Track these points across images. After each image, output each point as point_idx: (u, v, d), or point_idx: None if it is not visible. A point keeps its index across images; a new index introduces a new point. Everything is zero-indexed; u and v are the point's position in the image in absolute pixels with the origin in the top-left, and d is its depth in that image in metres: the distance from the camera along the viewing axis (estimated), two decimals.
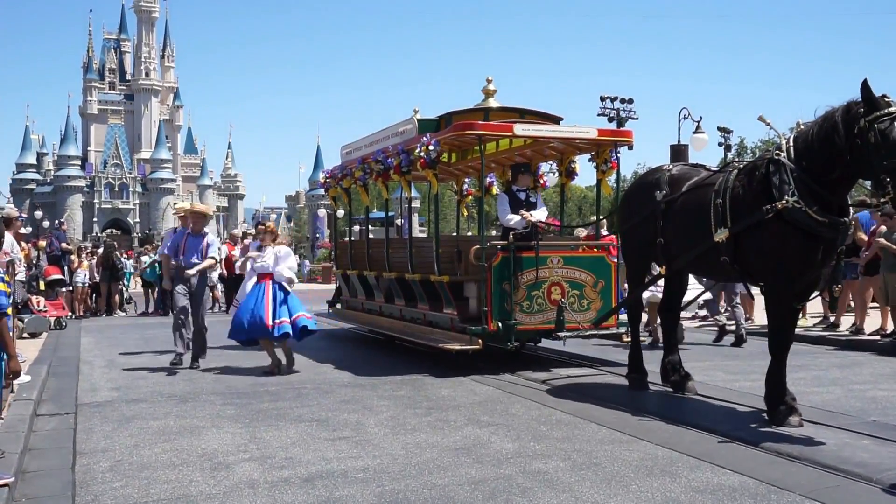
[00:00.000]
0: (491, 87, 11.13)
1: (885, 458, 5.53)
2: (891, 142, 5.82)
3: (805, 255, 6.45)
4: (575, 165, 11.66)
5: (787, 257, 6.51)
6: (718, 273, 7.73)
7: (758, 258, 6.76)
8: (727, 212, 6.83)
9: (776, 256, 6.59)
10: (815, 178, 6.30)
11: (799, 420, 6.51)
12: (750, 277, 7.19)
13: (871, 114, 5.93)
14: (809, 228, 6.31)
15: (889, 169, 5.81)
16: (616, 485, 5.09)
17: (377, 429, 6.72)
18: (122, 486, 5.21)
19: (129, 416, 7.34)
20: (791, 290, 6.73)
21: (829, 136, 6.23)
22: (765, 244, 6.62)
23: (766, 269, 6.81)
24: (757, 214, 6.54)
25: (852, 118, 6.06)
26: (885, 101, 5.97)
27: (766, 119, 7.75)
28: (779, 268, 6.64)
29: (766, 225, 6.50)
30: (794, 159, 6.45)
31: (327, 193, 14.72)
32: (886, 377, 9.13)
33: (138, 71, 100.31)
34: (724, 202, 6.86)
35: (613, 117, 29.92)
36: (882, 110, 5.91)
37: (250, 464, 5.69)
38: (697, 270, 7.95)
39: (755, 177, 6.73)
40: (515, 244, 9.58)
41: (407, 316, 11.46)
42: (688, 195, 7.43)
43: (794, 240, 6.40)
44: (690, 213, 7.28)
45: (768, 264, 6.72)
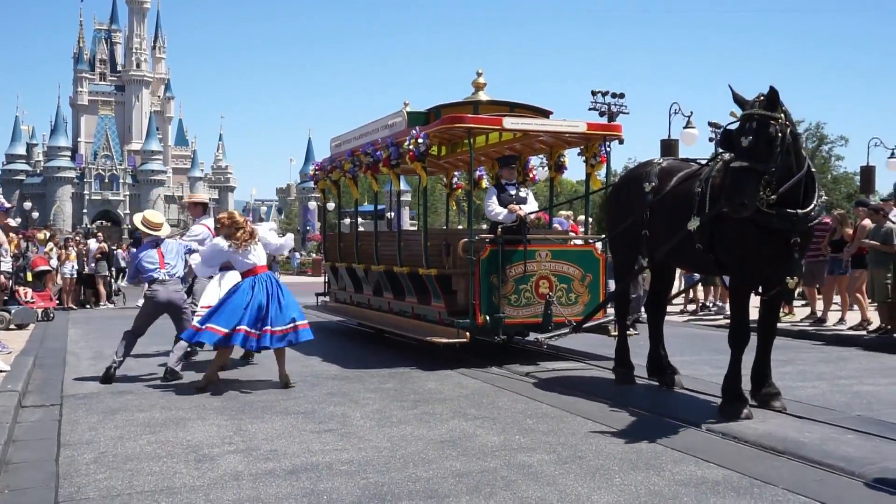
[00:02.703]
0: (481, 80, 11.12)
1: (869, 453, 5.56)
2: (733, 146, 6.22)
3: (761, 247, 6.54)
4: (564, 159, 11.67)
5: (745, 249, 6.63)
6: (697, 264, 7.78)
7: (722, 249, 6.87)
8: (705, 201, 6.89)
9: (735, 247, 6.72)
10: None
11: (748, 412, 6.57)
12: (724, 268, 7.25)
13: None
14: (760, 222, 6.38)
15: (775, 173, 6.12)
16: (600, 478, 5.10)
17: (363, 421, 6.72)
18: (105, 477, 5.20)
19: (115, 408, 7.32)
20: (751, 282, 6.81)
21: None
22: (726, 235, 6.76)
23: (728, 260, 6.90)
24: (718, 206, 6.67)
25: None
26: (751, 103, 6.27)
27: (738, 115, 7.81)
28: (738, 259, 6.75)
29: (726, 216, 6.60)
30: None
31: (317, 186, 14.68)
32: (871, 372, 9.18)
33: (129, 62, 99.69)
34: (704, 192, 6.94)
35: (604, 112, 29.94)
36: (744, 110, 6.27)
37: (235, 456, 5.68)
38: (679, 262, 7.99)
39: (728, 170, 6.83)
40: (504, 238, 9.58)
41: (395, 309, 11.45)
42: (676, 188, 7.47)
43: (750, 231, 6.49)
44: (676, 205, 7.33)
45: (730, 255, 6.83)
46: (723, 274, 7.76)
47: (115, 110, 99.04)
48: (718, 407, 6.80)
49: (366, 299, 12.54)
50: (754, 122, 6.12)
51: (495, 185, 10.37)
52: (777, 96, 6.20)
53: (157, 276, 8.87)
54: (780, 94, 6.24)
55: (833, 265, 13.01)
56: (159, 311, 9.04)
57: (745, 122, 6.17)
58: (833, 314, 13.34)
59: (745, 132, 6.12)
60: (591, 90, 30.33)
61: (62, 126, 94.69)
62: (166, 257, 8.99)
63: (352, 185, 12.95)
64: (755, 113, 6.14)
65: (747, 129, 6.12)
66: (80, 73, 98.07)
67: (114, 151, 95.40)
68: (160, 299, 8.88)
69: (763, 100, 6.21)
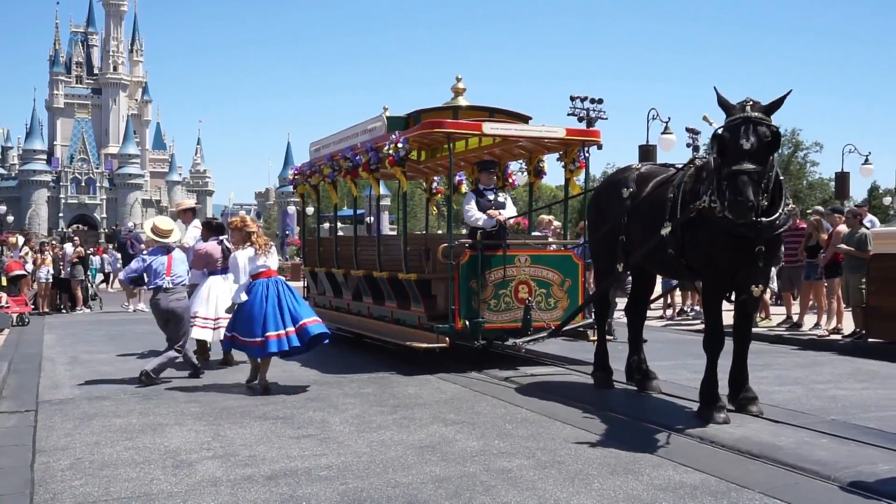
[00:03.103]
0: (460, 85, 11.14)
1: (844, 457, 5.62)
2: (728, 150, 6.13)
3: (727, 254, 6.58)
4: (543, 165, 11.72)
5: (712, 256, 6.69)
6: (670, 270, 7.82)
7: (692, 255, 6.93)
8: (677, 207, 6.95)
9: (704, 254, 6.77)
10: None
11: (724, 417, 6.61)
12: (696, 273, 7.31)
13: (727, 119, 6.24)
14: (725, 228, 6.42)
15: (724, 175, 6.12)
16: (579, 483, 5.12)
17: (342, 427, 6.71)
18: (81, 484, 5.15)
19: (91, 414, 7.25)
20: (722, 287, 6.85)
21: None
22: (695, 242, 6.80)
23: (699, 267, 6.96)
24: (686, 213, 6.75)
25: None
26: (741, 106, 6.22)
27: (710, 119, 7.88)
28: (708, 265, 6.81)
29: (695, 223, 6.69)
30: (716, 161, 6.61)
31: (296, 190, 14.64)
32: (846, 376, 9.27)
33: (106, 65, 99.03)
34: (676, 196, 6.99)
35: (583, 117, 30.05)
36: (730, 116, 6.21)
37: (213, 462, 5.65)
38: (654, 267, 8.02)
39: (699, 176, 6.91)
40: (483, 243, 9.60)
41: (375, 314, 11.44)
42: (651, 193, 7.53)
43: (716, 238, 6.54)
44: (651, 211, 7.39)
45: (699, 262, 6.89)
46: (695, 279, 7.81)
47: (92, 113, 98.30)
48: (696, 411, 6.85)
49: (345, 304, 12.52)
50: (753, 125, 6.09)
51: (474, 190, 10.39)
52: (781, 102, 6.21)
53: (161, 283, 8.90)
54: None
55: (809, 270, 13.13)
56: (161, 318, 9.07)
57: (744, 125, 6.10)
58: (809, 319, 13.45)
59: (745, 135, 6.06)
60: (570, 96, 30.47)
61: (38, 129, 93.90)
62: (174, 266, 9.03)
63: (331, 190, 12.93)
64: (754, 116, 6.11)
65: (747, 132, 6.07)
66: (56, 75, 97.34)
67: (90, 155, 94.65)
68: (161, 307, 8.93)
69: (755, 103, 6.20)
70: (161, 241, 9.14)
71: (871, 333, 11.45)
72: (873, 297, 11.39)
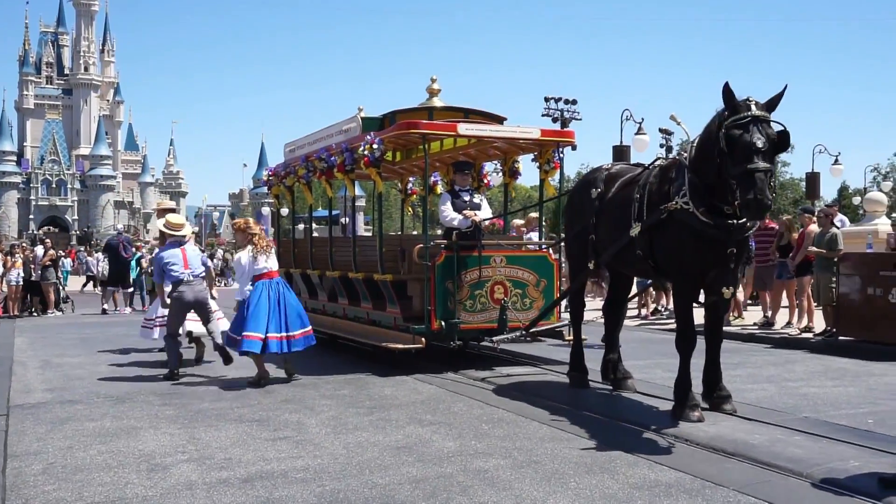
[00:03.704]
0: (435, 86, 11.15)
1: (816, 454, 5.68)
2: (738, 148, 6.00)
3: (699, 256, 6.61)
4: (518, 165, 11.75)
5: (683, 257, 6.72)
6: (638, 269, 7.87)
7: (662, 256, 6.96)
8: (643, 207, 6.98)
9: (674, 255, 6.81)
10: (704, 180, 6.47)
11: (699, 415, 6.67)
12: (664, 274, 7.35)
13: (728, 119, 6.11)
14: (696, 230, 6.46)
15: (735, 175, 6.00)
16: (556, 482, 5.14)
17: (318, 428, 6.69)
18: (54, 489, 5.10)
19: (64, 418, 7.18)
20: (692, 288, 6.90)
21: (705, 141, 6.46)
22: (665, 243, 6.84)
23: (668, 268, 7.00)
24: (656, 214, 6.76)
25: (720, 123, 6.22)
26: (746, 104, 6.14)
27: (678, 118, 7.91)
28: (678, 267, 6.85)
29: (665, 224, 6.71)
30: (690, 162, 6.63)
31: (270, 191, 14.58)
32: (818, 374, 9.38)
33: (77, 65, 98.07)
34: (643, 197, 7.02)
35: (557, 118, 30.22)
36: (738, 114, 6.09)
37: (188, 465, 5.61)
38: (621, 266, 8.06)
39: (665, 177, 6.93)
40: (459, 243, 9.61)
41: (350, 315, 11.42)
42: (618, 191, 7.58)
43: (687, 240, 6.58)
44: (618, 210, 7.44)
45: (669, 263, 6.92)
46: (663, 279, 7.87)
47: (63, 114, 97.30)
48: (670, 410, 6.90)
49: (321, 305, 12.48)
50: (762, 124, 6.04)
51: (449, 190, 10.40)
52: (780, 98, 6.17)
53: (182, 277, 9.18)
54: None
55: (781, 270, 13.28)
56: (187, 309, 9.36)
57: (754, 124, 6.02)
58: (782, 317, 13.60)
59: (758, 133, 5.99)
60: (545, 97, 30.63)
61: (7, 130, 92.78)
62: (190, 259, 9.31)
63: (306, 191, 12.89)
64: (761, 115, 6.07)
65: (760, 130, 6.00)
66: (26, 76, 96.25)
67: (61, 156, 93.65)
68: (187, 299, 9.20)
69: (754, 101, 6.16)
70: (174, 234, 9.46)
71: (841, 332, 11.59)
72: (843, 296, 11.54)
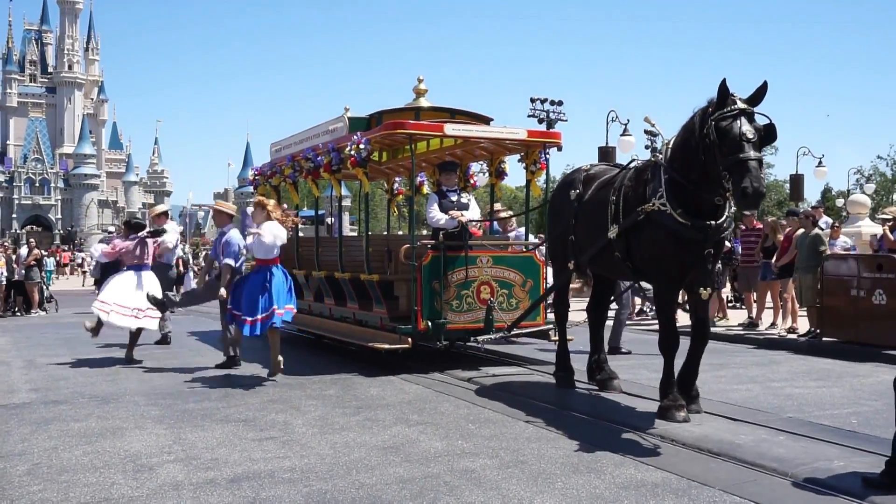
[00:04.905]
0: (422, 86, 11.15)
1: (800, 454, 5.73)
2: (729, 139, 6.00)
3: (677, 257, 6.63)
4: (505, 166, 11.77)
5: (662, 258, 6.73)
6: (616, 271, 7.90)
7: (640, 258, 6.99)
8: (619, 210, 7.01)
9: (653, 257, 6.83)
10: (686, 178, 6.49)
11: (684, 416, 6.70)
12: (643, 276, 7.38)
13: (716, 113, 6.12)
14: (674, 230, 6.49)
15: (727, 165, 5.99)
16: (542, 482, 5.15)
17: (305, 428, 6.68)
18: (40, 489, 5.07)
19: (49, 418, 7.13)
20: (673, 289, 6.93)
21: (688, 137, 6.46)
22: (643, 245, 6.87)
23: (647, 270, 7.04)
24: (633, 216, 6.79)
25: (705, 118, 6.23)
26: (732, 100, 6.15)
27: (651, 120, 7.95)
28: (657, 268, 6.87)
29: (642, 226, 6.74)
30: (668, 162, 6.67)
31: (256, 191, 14.54)
32: (802, 375, 9.45)
33: (61, 63, 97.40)
34: (619, 200, 7.06)
35: (543, 119, 30.23)
36: (724, 108, 6.10)
37: (175, 465, 5.59)
38: (600, 268, 8.10)
39: (641, 178, 6.96)
40: (445, 244, 9.62)
41: (336, 315, 11.40)
42: (595, 193, 7.63)
43: (665, 241, 6.60)
44: (594, 211, 7.47)
45: (648, 265, 6.95)
46: (641, 280, 7.91)
47: (46, 113, 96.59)
48: (656, 410, 6.93)
49: (307, 305, 12.45)
50: (749, 116, 6.07)
51: (436, 191, 10.41)
52: (762, 94, 6.19)
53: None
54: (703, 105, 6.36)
55: (766, 271, 13.36)
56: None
57: (744, 115, 6.05)
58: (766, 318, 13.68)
59: (749, 124, 6.02)
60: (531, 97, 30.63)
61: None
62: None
63: (292, 191, 12.87)
64: (749, 109, 6.10)
65: (749, 122, 6.04)
66: (9, 74, 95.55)
67: (45, 155, 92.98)
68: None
69: (738, 97, 6.17)
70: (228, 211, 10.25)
71: (825, 333, 11.68)
72: (826, 298, 11.63)
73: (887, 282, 10.52)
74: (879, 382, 8.55)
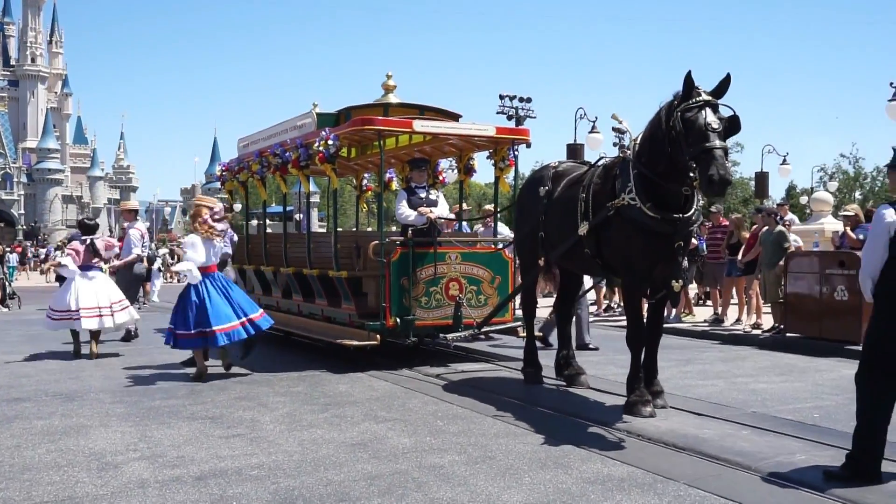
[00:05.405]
0: (391, 82, 11.13)
1: (764, 448, 5.81)
2: (695, 129, 6.10)
3: (647, 251, 6.70)
4: (473, 162, 11.79)
5: (631, 253, 6.81)
6: (586, 267, 7.97)
7: (610, 253, 7.08)
8: (589, 207, 7.07)
9: (622, 252, 6.91)
10: (651, 173, 6.57)
11: (650, 411, 6.79)
12: (613, 271, 7.45)
13: (681, 105, 6.22)
14: (644, 224, 6.56)
15: (693, 155, 6.08)
16: (510, 477, 5.18)
17: (272, 426, 6.65)
18: (1, 488, 5.00)
19: (11, 416, 7.04)
20: (640, 285, 7.00)
21: (654, 130, 6.55)
22: (612, 240, 6.95)
23: (617, 265, 7.11)
24: (603, 212, 6.86)
25: (671, 111, 6.32)
26: (697, 92, 6.25)
27: (619, 117, 8.05)
28: (626, 263, 6.95)
29: (611, 222, 6.81)
30: (636, 157, 6.74)
31: (223, 187, 14.43)
32: (766, 370, 9.57)
33: (23, 56, 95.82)
34: (588, 197, 7.12)
35: (512, 115, 30.30)
36: (689, 100, 6.19)
37: (140, 463, 5.54)
38: (570, 264, 8.15)
39: (609, 175, 7.03)
40: (414, 240, 9.62)
41: (305, 311, 11.36)
42: (564, 191, 7.69)
43: (634, 236, 6.67)
44: (564, 208, 7.52)
45: (617, 260, 7.03)
46: (612, 276, 7.99)
47: (9, 106, 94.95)
48: (623, 406, 6.99)
49: (274, 301, 12.39)
50: (714, 108, 6.17)
51: (405, 188, 10.40)
52: (725, 86, 6.26)
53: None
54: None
55: (731, 267, 13.52)
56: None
57: (708, 107, 6.14)
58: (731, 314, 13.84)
59: (713, 115, 6.11)
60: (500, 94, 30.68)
61: None
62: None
63: (260, 187, 12.78)
64: (713, 101, 6.18)
65: (714, 112, 6.13)
66: None
67: (7, 149, 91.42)
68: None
69: (703, 90, 6.24)
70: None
71: (789, 328, 11.84)
72: (791, 294, 11.79)
73: (849, 278, 10.68)
74: (841, 377, 8.70)
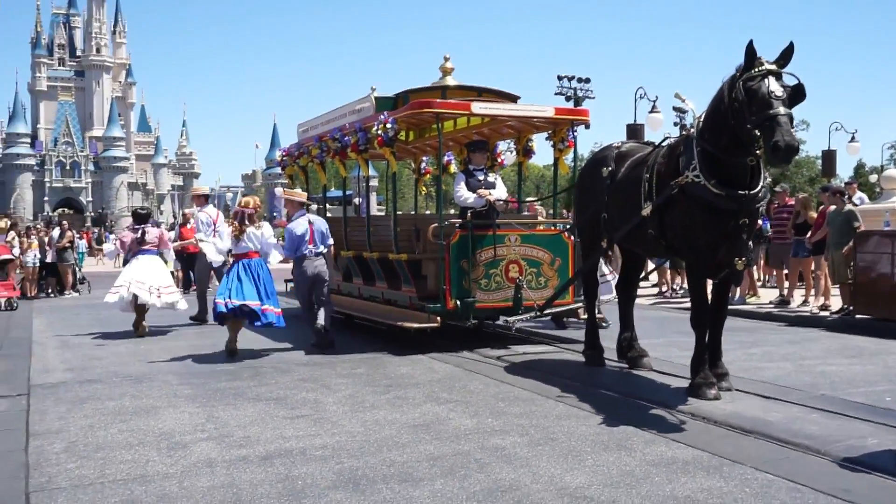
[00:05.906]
0: (448, 65, 11.10)
1: (834, 431, 5.68)
2: (758, 98, 5.97)
3: (711, 229, 6.57)
4: (532, 144, 11.71)
5: (695, 231, 6.68)
6: (649, 248, 7.86)
7: (674, 233, 6.95)
8: (653, 187, 6.96)
9: (686, 231, 6.78)
10: (714, 148, 6.44)
11: (715, 393, 6.68)
12: (676, 252, 7.33)
13: (744, 75, 6.09)
14: (708, 202, 6.43)
15: (757, 123, 5.94)
16: (573, 459, 5.15)
17: (336, 407, 6.72)
18: (76, 466, 5.15)
19: (84, 397, 7.24)
20: (704, 265, 6.85)
21: (717, 105, 6.42)
22: (676, 220, 6.82)
23: (681, 244, 6.99)
24: (667, 191, 6.74)
25: (734, 83, 6.19)
26: (759, 62, 6.11)
27: (682, 96, 7.90)
28: (690, 242, 6.82)
29: (676, 201, 6.68)
30: (699, 134, 6.62)
31: (284, 172, 14.58)
32: (835, 352, 9.35)
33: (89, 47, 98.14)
34: (651, 177, 7.01)
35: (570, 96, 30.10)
36: (752, 70, 6.06)
37: (208, 443, 5.66)
38: (633, 245, 8.05)
39: (674, 154, 6.91)
40: (473, 222, 9.61)
41: (365, 294, 11.44)
42: (628, 171, 7.58)
43: (699, 214, 6.55)
44: (628, 189, 7.42)
45: (681, 239, 6.90)
46: (675, 257, 7.87)
47: (76, 96, 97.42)
48: (687, 388, 6.90)
49: (335, 285, 12.50)
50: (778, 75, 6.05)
51: (464, 170, 10.38)
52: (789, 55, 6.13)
53: (306, 252, 9.67)
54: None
55: (797, 248, 13.21)
56: (308, 284, 9.77)
57: (771, 75, 6.02)
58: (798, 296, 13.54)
59: (776, 83, 5.99)
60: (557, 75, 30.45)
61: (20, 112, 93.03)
62: (315, 235, 9.77)
63: (319, 171, 12.89)
64: (776, 70, 6.06)
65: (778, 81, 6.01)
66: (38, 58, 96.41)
67: (75, 138, 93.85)
68: (308, 274, 9.69)
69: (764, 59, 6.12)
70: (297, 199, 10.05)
71: (858, 310, 11.54)
72: (860, 274, 11.48)
73: None
74: None
